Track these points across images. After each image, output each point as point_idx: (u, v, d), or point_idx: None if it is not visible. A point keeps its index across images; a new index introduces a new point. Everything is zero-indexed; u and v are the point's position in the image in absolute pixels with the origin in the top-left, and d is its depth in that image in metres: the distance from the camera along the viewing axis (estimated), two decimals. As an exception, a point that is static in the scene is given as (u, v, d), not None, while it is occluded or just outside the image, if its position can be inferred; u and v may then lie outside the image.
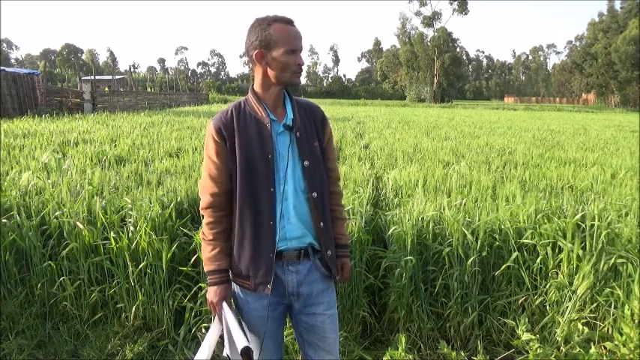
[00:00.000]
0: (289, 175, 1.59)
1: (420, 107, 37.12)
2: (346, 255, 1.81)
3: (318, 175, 1.66)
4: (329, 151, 1.76)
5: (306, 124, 1.67)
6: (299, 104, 1.70)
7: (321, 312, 1.69)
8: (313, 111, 1.73)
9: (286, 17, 1.59)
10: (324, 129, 1.74)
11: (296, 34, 1.58)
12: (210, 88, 64.87)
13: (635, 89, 51.40)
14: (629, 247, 2.67)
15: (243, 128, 1.58)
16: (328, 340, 1.70)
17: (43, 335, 2.75)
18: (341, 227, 1.80)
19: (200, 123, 11.34)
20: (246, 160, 1.57)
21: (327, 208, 1.71)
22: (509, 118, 19.54)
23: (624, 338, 2.40)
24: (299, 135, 1.62)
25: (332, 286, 1.74)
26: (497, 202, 3.18)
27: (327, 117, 1.79)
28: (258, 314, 1.68)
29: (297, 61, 1.58)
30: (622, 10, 55.46)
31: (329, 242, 1.70)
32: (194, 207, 3.39)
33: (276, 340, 1.76)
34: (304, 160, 1.61)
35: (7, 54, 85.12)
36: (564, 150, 7.06)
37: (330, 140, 1.77)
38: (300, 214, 1.61)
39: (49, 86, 20.04)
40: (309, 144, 1.64)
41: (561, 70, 71.86)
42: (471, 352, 2.64)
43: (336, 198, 1.81)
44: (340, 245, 1.79)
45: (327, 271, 1.70)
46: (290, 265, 1.64)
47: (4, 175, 4.10)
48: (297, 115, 1.65)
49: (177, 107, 27.00)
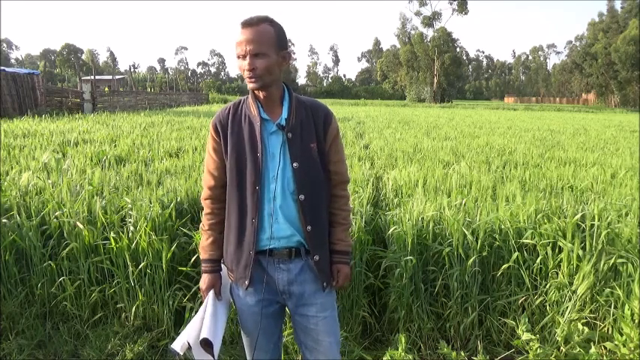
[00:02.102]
0: (279, 175, 1.58)
1: (420, 107, 37.12)
2: (343, 261, 1.73)
3: (310, 177, 1.61)
4: (332, 152, 1.68)
5: (304, 125, 1.62)
6: (300, 103, 1.65)
7: (313, 314, 1.67)
8: (316, 110, 1.66)
9: (244, 20, 1.51)
10: (327, 129, 1.65)
11: (243, 37, 1.48)
12: (210, 88, 64.86)
13: (635, 89, 51.38)
14: (629, 247, 2.66)
15: (236, 126, 1.61)
16: (323, 344, 1.68)
17: (43, 335, 2.75)
18: (340, 232, 1.73)
19: (200, 123, 11.33)
20: (236, 156, 1.60)
21: (320, 212, 1.66)
22: (509, 118, 19.54)
23: (624, 338, 2.40)
24: (291, 136, 1.58)
25: (326, 289, 1.69)
26: (497, 202, 3.17)
27: (333, 116, 1.69)
28: (250, 310, 1.69)
29: (242, 66, 1.51)
30: (622, 10, 55.47)
31: (318, 247, 1.64)
32: (194, 207, 3.39)
33: (271, 338, 1.75)
34: (294, 161, 1.58)
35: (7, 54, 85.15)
36: (564, 150, 7.06)
37: (335, 141, 1.68)
38: (287, 215, 1.60)
39: (49, 86, 20.02)
40: (302, 145, 1.60)
41: (561, 70, 71.76)
42: (471, 352, 2.64)
43: (339, 201, 1.74)
44: (337, 251, 1.73)
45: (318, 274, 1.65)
46: (281, 263, 1.63)
47: (4, 175, 4.10)
48: (293, 115, 1.61)
49: (177, 107, 26.99)
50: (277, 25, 1.56)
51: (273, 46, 1.52)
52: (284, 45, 1.56)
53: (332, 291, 1.73)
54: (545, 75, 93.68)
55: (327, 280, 1.69)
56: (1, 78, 15.58)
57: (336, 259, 1.73)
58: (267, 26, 1.51)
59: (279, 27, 1.56)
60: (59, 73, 67.32)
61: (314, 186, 1.62)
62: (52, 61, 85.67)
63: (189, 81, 77.01)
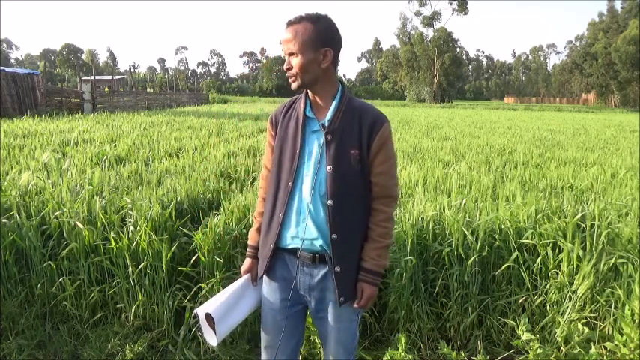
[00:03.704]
0: (312, 175, 1.57)
1: (420, 107, 37.12)
2: (368, 281, 1.61)
3: (344, 184, 1.55)
4: (376, 162, 1.58)
5: (346, 129, 1.56)
6: (350, 106, 1.59)
7: (330, 321, 1.66)
8: (365, 115, 1.58)
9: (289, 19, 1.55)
10: (372, 137, 1.56)
11: (281, 38, 1.54)
12: (210, 88, 64.82)
13: (635, 89, 51.39)
14: (629, 247, 2.66)
15: (285, 121, 1.67)
16: (331, 349, 1.70)
17: (43, 335, 2.75)
18: (372, 250, 1.61)
19: (200, 123, 11.31)
20: (279, 150, 1.65)
21: (351, 222, 1.58)
22: (509, 118, 19.54)
23: (624, 338, 2.40)
24: (329, 138, 1.55)
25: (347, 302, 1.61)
26: (497, 202, 3.17)
27: (385, 125, 1.58)
28: (270, 306, 1.71)
29: (285, 66, 1.55)
30: (622, 10, 55.48)
31: (342, 258, 1.57)
32: (194, 207, 3.39)
33: (290, 340, 1.71)
34: (328, 165, 1.55)
35: (7, 54, 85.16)
36: (564, 150, 7.06)
37: (381, 152, 1.57)
38: (314, 218, 1.57)
39: (49, 86, 20.00)
40: (341, 149, 1.54)
41: (561, 70, 71.76)
42: (471, 352, 2.64)
43: (377, 216, 1.62)
44: (364, 269, 1.61)
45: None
46: (305, 266, 1.63)
47: (4, 175, 4.10)
48: (339, 117, 1.57)
49: (177, 107, 26.97)
50: (323, 22, 1.52)
51: (310, 44, 1.49)
52: (327, 42, 1.52)
53: (350, 306, 1.63)
54: (545, 75, 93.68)
55: (346, 294, 1.59)
56: (1, 78, 15.56)
57: (362, 276, 1.61)
58: (307, 24, 1.50)
59: (324, 24, 1.52)
60: (59, 73, 67.34)
61: (347, 194, 1.56)
62: (52, 61, 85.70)
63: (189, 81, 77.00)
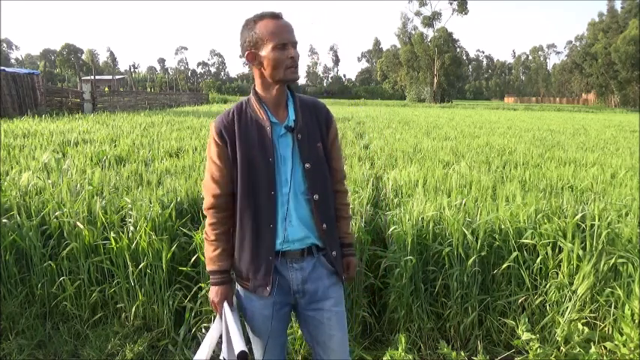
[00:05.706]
0: (290, 177, 1.58)
1: (420, 107, 37.11)
2: (352, 254, 1.81)
3: (321, 177, 1.63)
4: (334, 150, 1.72)
5: (309, 125, 1.63)
6: (303, 103, 1.66)
7: (327, 308, 1.67)
8: (318, 110, 1.69)
9: (272, 12, 1.53)
10: (329, 128, 1.69)
11: (284, 27, 1.51)
12: (210, 88, 64.90)
13: (635, 89, 51.38)
14: (629, 247, 2.66)
15: (244, 131, 1.57)
16: (334, 338, 1.67)
17: (43, 335, 2.75)
18: (346, 226, 1.79)
19: (200, 123, 11.32)
20: (248, 163, 1.56)
21: (332, 209, 1.70)
22: (509, 118, 19.54)
23: (624, 338, 2.40)
24: (300, 137, 1.59)
25: (339, 284, 1.72)
26: (498, 202, 3.17)
27: (333, 115, 1.74)
28: (262, 314, 1.67)
29: (288, 55, 1.50)
30: (622, 10, 55.47)
31: (333, 243, 1.68)
32: (194, 207, 3.39)
33: (279, 340, 1.75)
34: (305, 162, 1.58)
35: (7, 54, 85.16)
36: (564, 150, 7.06)
37: (335, 139, 1.73)
38: (301, 217, 1.60)
39: (49, 86, 20.00)
40: (311, 145, 1.61)
41: (561, 70, 71.76)
42: (471, 352, 2.64)
43: (341, 197, 1.79)
44: (345, 244, 1.79)
45: (332, 269, 1.69)
46: (294, 262, 1.63)
47: (4, 175, 4.10)
48: (300, 115, 1.61)
49: (177, 107, 26.99)
50: None
51: None
52: None
53: (342, 286, 1.76)
54: (545, 75, 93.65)
55: (342, 273, 1.73)
56: (1, 78, 15.57)
57: (346, 251, 1.79)
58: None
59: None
60: (59, 73, 67.31)
61: (325, 185, 1.65)
62: (52, 61, 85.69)
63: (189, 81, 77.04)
